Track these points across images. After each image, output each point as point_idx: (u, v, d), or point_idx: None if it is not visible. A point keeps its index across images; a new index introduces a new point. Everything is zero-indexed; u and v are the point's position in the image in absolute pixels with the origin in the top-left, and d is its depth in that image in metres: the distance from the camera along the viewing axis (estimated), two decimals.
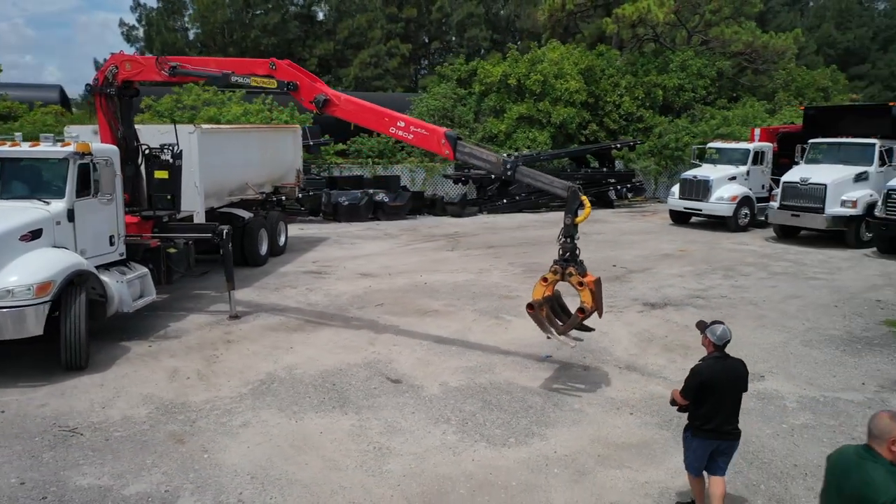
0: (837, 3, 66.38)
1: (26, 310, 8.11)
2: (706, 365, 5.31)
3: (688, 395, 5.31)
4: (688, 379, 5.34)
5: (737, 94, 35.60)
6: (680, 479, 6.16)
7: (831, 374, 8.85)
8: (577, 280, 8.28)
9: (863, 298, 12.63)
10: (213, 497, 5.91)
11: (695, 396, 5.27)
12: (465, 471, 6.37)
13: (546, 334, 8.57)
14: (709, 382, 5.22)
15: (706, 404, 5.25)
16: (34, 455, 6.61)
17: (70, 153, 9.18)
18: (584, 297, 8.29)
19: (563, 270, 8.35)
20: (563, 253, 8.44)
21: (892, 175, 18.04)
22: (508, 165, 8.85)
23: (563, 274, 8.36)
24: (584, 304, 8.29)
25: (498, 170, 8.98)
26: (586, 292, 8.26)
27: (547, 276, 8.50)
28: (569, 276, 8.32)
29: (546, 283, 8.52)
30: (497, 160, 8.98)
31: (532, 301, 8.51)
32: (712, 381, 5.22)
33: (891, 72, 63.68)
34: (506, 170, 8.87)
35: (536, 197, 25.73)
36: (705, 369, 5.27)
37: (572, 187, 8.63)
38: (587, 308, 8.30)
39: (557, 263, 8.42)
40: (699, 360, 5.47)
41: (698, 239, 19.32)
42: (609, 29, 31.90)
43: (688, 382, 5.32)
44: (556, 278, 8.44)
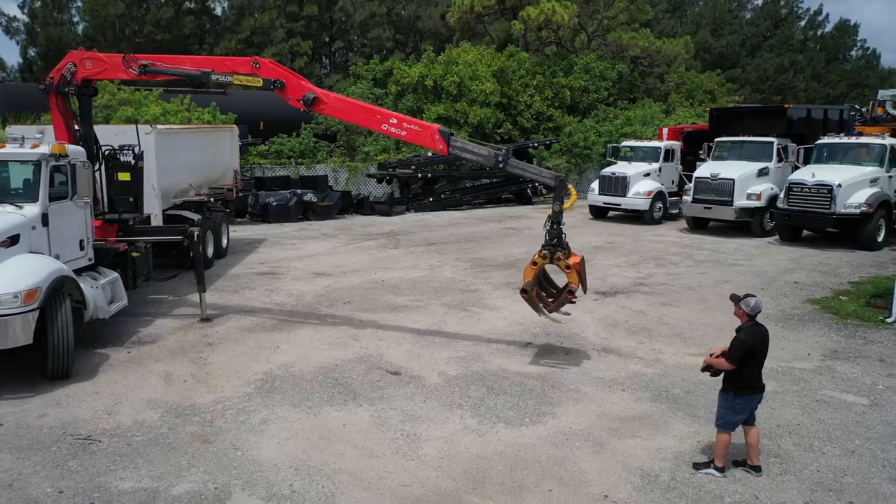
0: (712, 11, 71.57)
1: (14, 318, 7.78)
2: (748, 333, 6.05)
3: (735, 361, 6.02)
4: (734, 347, 6.04)
5: (634, 95, 37.81)
6: (687, 444, 6.89)
7: (780, 347, 9.92)
8: (564, 264, 8.92)
9: (782, 281, 14.06)
10: (265, 490, 6.04)
11: (741, 361, 5.98)
12: (496, 450, 6.81)
13: (539, 314, 9.13)
14: (752, 347, 5.98)
15: (749, 366, 6.01)
16: (58, 464, 6.46)
17: (43, 155, 8.84)
18: (572, 278, 8.96)
19: (552, 255, 8.96)
20: (551, 238, 9.06)
21: (788, 170, 20.04)
22: (500, 158, 9.25)
23: (551, 258, 8.98)
24: (572, 285, 8.94)
25: (490, 162, 9.37)
26: (573, 274, 8.93)
27: (536, 260, 9.08)
28: (557, 260, 8.95)
29: (536, 267, 9.09)
30: (489, 153, 9.37)
31: (524, 285, 9.05)
32: (754, 346, 6.00)
33: (758, 75, 69.23)
34: (497, 162, 9.28)
35: (461, 195, 26.42)
36: (748, 337, 6.02)
37: (559, 176, 9.29)
38: (574, 289, 8.94)
39: (546, 248, 9.03)
40: (738, 330, 6.17)
41: (620, 232, 20.59)
42: (517, 30, 33.03)
43: (735, 350, 6.02)
44: (545, 262, 9.04)
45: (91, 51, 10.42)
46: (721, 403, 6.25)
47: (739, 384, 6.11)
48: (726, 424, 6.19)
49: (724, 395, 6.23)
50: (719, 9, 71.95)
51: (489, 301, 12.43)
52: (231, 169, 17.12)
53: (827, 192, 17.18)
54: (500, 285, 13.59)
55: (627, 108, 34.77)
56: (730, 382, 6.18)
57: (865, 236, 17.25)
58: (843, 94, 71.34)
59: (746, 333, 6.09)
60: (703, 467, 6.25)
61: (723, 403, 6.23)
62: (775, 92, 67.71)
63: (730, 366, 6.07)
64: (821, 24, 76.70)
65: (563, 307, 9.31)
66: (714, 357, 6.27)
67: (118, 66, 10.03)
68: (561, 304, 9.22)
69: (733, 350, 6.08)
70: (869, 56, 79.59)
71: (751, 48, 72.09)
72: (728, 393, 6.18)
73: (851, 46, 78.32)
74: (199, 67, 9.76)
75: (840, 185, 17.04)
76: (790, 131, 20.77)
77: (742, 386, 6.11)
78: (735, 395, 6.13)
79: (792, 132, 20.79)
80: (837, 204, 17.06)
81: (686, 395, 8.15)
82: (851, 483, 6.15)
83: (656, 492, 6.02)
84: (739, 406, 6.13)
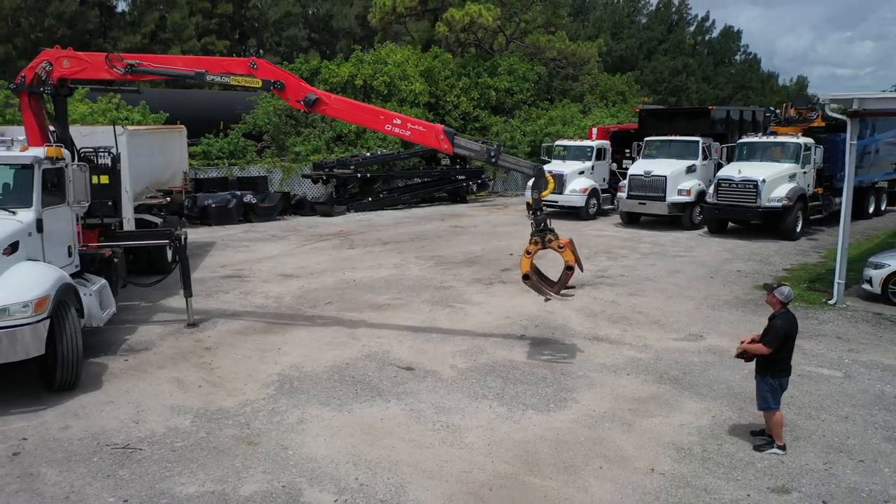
0: (611, 16, 74.87)
1: (25, 329, 7.47)
2: (783, 319, 6.68)
3: (773, 345, 6.62)
4: (772, 333, 6.64)
5: (551, 96, 39.18)
6: (704, 419, 7.54)
7: (748, 329, 10.73)
8: (556, 244, 9.37)
9: (726, 270, 15.21)
10: (333, 485, 6.18)
11: (779, 345, 6.60)
12: (535, 434, 7.21)
13: (544, 297, 9.57)
14: (788, 332, 6.61)
15: (784, 349, 6.63)
16: (108, 474, 6.33)
17: (36, 158, 8.48)
18: (567, 257, 9.40)
19: (543, 239, 9.39)
20: (538, 224, 9.50)
21: (712, 167, 21.55)
22: (492, 153, 9.69)
23: (543, 243, 9.40)
24: (569, 262, 9.40)
25: (483, 157, 9.78)
26: (568, 253, 9.39)
27: (529, 248, 9.48)
28: (549, 242, 9.38)
29: (530, 255, 9.51)
30: (481, 149, 9.80)
31: (525, 273, 9.46)
32: (789, 330, 6.64)
33: (654, 77, 72.97)
34: (490, 157, 9.71)
35: (398, 194, 26.62)
36: (784, 322, 6.65)
37: (538, 167, 9.81)
38: (573, 265, 9.43)
39: (536, 235, 9.45)
40: (772, 317, 6.82)
41: (560, 227, 21.01)
42: (441, 31, 33.53)
43: (773, 335, 6.63)
44: (538, 248, 9.47)
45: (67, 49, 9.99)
46: (761, 388, 6.82)
47: (775, 367, 6.73)
48: (772, 406, 6.78)
49: (762, 380, 6.81)
50: (618, 14, 75.39)
51: (467, 297, 12.81)
52: (181, 171, 16.65)
53: (752, 187, 18.64)
54: (472, 281, 14.00)
55: (548, 108, 36.01)
56: (766, 367, 6.77)
57: (786, 227, 18.85)
58: (730, 96, 76.41)
59: (782, 319, 6.72)
60: (766, 447, 6.78)
61: (763, 388, 6.80)
62: (670, 93, 71.65)
63: (767, 350, 6.67)
64: (708, 29, 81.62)
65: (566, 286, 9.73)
66: (748, 343, 6.88)
67: (100, 65, 9.68)
68: (564, 283, 9.64)
69: (771, 335, 6.68)
70: (751, 60, 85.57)
71: (647, 51, 75.79)
72: (766, 377, 6.78)
73: (736, 51, 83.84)
74: (191, 68, 9.57)
75: (764, 180, 18.54)
76: (712, 131, 22.30)
77: (778, 369, 6.74)
78: (773, 377, 6.74)
79: (714, 132, 22.33)
80: (762, 198, 18.56)
81: (684, 377, 8.84)
82: (855, 445, 6.96)
83: (695, 463, 6.60)
84: (778, 387, 6.76)
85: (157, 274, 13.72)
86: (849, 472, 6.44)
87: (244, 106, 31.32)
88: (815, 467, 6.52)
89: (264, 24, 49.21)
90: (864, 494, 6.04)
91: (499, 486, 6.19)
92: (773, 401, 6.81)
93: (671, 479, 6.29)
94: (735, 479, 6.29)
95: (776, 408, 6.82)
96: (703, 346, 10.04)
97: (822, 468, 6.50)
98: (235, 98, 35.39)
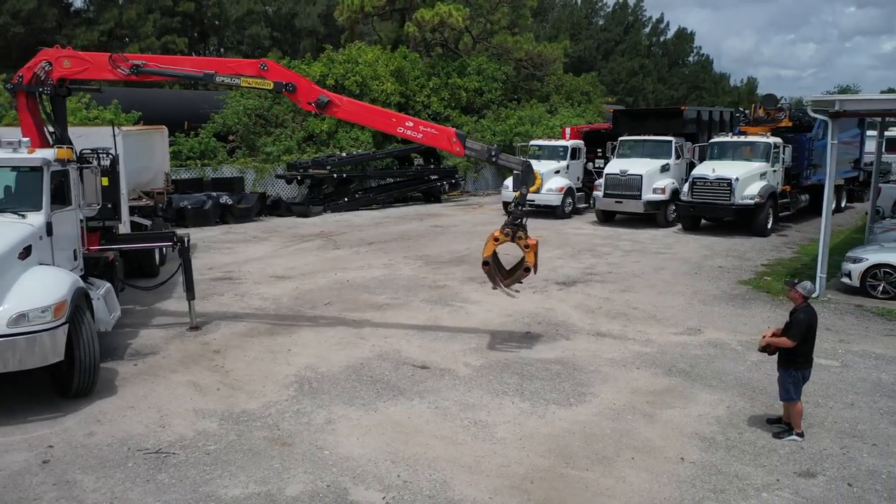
0: (570, 17, 75.93)
1: (45, 335, 7.31)
2: (805, 313, 6.96)
3: (797, 338, 6.89)
4: (796, 327, 6.91)
5: (518, 96, 39.58)
6: (720, 409, 7.83)
7: (742, 323, 11.26)
8: (524, 243, 9.61)
9: (708, 266, 15.69)
10: (377, 483, 6.24)
11: (802, 338, 6.89)
12: (562, 428, 7.38)
13: (493, 286, 9.82)
14: (810, 325, 6.90)
15: (807, 342, 6.92)
16: (147, 479, 6.28)
17: (44, 160, 8.31)
18: (529, 258, 9.65)
19: (514, 234, 9.58)
20: (514, 218, 9.69)
21: (684, 166, 22.14)
22: (493, 153, 9.93)
23: (513, 236, 9.59)
24: (529, 263, 9.65)
25: (484, 157, 10.00)
26: (531, 254, 9.65)
27: (499, 236, 9.66)
28: (518, 238, 9.59)
29: (496, 243, 9.69)
30: (482, 149, 10.02)
31: (486, 259, 9.66)
32: (811, 323, 6.92)
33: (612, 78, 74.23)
34: (490, 156, 9.93)
35: (374, 194, 26.60)
36: (806, 316, 6.93)
37: (526, 163, 10.06)
38: (530, 267, 9.66)
39: (509, 226, 9.61)
40: (793, 311, 7.11)
41: (539, 226, 21.65)
42: (411, 31, 33.58)
43: (796, 328, 6.90)
44: (507, 239, 9.64)
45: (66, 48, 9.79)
46: (784, 380, 7.09)
47: (798, 359, 7.03)
48: (794, 396, 7.07)
49: (786, 372, 7.09)
50: (576, 15, 76.47)
51: (465, 296, 12.94)
52: (163, 172, 16.38)
53: (727, 185, 19.23)
54: (465, 280, 14.14)
55: (517, 108, 36.38)
56: (789, 359, 7.05)
57: (758, 224, 19.50)
58: (685, 96, 78.22)
59: (804, 313, 7.01)
60: (785, 434, 7.08)
61: (786, 379, 7.08)
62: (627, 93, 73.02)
63: (792, 343, 6.95)
64: (662, 31, 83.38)
65: (515, 286, 9.94)
66: (771, 338, 7.16)
67: (102, 65, 9.51)
68: (515, 281, 9.86)
69: (794, 329, 6.96)
70: (704, 61, 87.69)
71: (605, 52, 77.05)
72: (790, 369, 7.06)
73: (689, 52, 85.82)
74: (200, 69, 9.47)
75: (737, 179, 19.14)
76: (684, 131, 22.89)
77: (801, 361, 7.04)
78: (796, 369, 7.04)
79: (685, 132, 22.92)
80: (735, 196, 19.16)
81: (692, 369, 9.14)
82: (866, 430, 7.33)
83: (721, 451, 6.86)
84: (801, 378, 7.06)
85: (144, 277, 13.53)
86: (865, 455, 6.78)
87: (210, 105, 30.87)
88: (834, 452, 6.85)
89: (225, 22, 48.46)
90: (885, 476, 6.38)
91: (539, 479, 6.34)
92: (795, 392, 7.11)
93: (702, 468, 6.53)
94: (762, 466, 6.57)
95: (797, 398, 7.12)
96: (703, 340, 10.37)
97: (839, 453, 6.83)
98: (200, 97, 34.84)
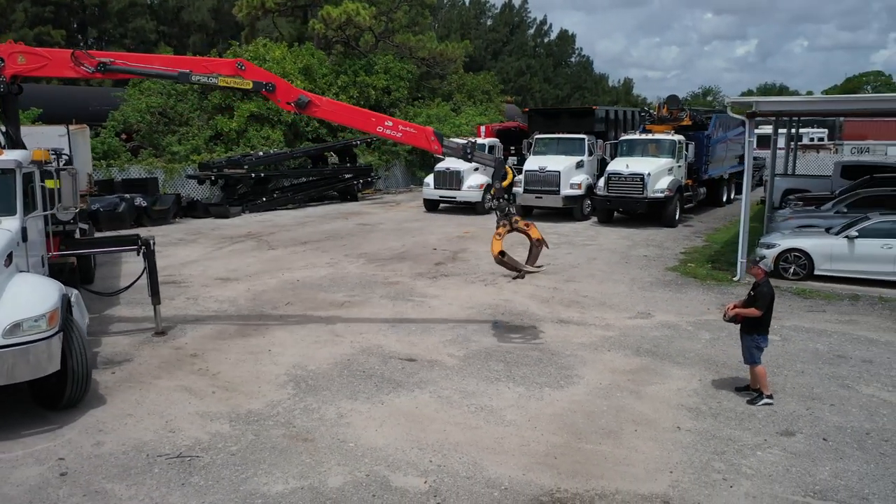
0: (459, 16, 77.34)
1: (41, 344, 7.00)
2: (768, 286, 7.92)
3: (763, 308, 7.78)
4: (762, 298, 7.82)
5: (422, 95, 40.03)
6: (694, 383, 8.61)
7: (683, 306, 12.26)
8: (523, 224, 10.34)
9: (634, 255, 16.79)
10: (413, 469, 6.50)
11: (767, 308, 7.76)
12: (563, 408, 7.90)
13: (520, 270, 10.46)
14: (772, 297, 7.86)
15: (769, 311, 7.85)
16: (182, 482, 6.23)
17: (17, 162, 7.89)
18: (535, 233, 10.43)
19: (511, 221, 10.26)
20: (502, 210, 10.37)
21: (595, 163, 23.40)
22: (468, 150, 10.38)
23: (511, 224, 10.25)
24: (539, 238, 10.46)
25: (459, 154, 10.45)
26: (535, 230, 10.44)
27: (500, 230, 10.27)
28: (516, 223, 10.29)
29: (501, 237, 10.28)
30: (458, 147, 10.47)
31: (501, 251, 10.23)
32: (773, 295, 7.84)
33: (501, 78, 76.18)
34: (466, 153, 10.37)
35: (292, 194, 26.23)
36: (769, 289, 7.90)
37: (498, 159, 10.71)
38: (542, 240, 10.49)
39: (505, 218, 10.29)
40: (757, 285, 7.98)
41: (465, 222, 22.33)
42: (318, 28, 33.23)
43: (764, 301, 7.79)
44: (508, 230, 10.30)
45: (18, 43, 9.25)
46: (749, 345, 8.00)
47: (761, 327, 7.95)
48: (757, 360, 7.98)
49: (749, 338, 8.00)
50: (465, 15, 77.97)
51: (421, 291, 13.25)
52: (86, 173, 15.54)
53: (640, 180, 20.56)
54: (414, 276, 14.44)
55: (422, 107, 36.84)
56: (754, 327, 7.96)
57: (668, 216, 20.99)
58: (569, 95, 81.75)
59: (767, 287, 7.93)
60: (758, 399, 7.91)
61: (750, 344, 7.99)
62: (516, 93, 75.17)
63: (759, 313, 7.86)
64: (546, 32, 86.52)
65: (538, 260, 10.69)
66: (738, 309, 8.03)
67: (63, 62, 9.07)
68: (535, 258, 10.59)
69: (761, 300, 7.86)
70: (585, 62, 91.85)
71: (493, 52, 78.96)
72: (753, 335, 7.97)
73: (572, 53, 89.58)
74: (173, 68, 9.21)
75: (649, 174, 20.51)
76: (595, 129, 24.17)
77: (763, 328, 7.95)
78: (758, 335, 7.95)
79: (596, 130, 24.21)
80: (648, 190, 20.53)
81: (656, 349, 9.93)
82: (821, 393, 8.34)
83: (708, 419, 7.62)
84: (763, 343, 7.97)
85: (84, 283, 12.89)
86: (828, 414, 7.75)
87: (104, 103, 29.33)
88: (802, 413, 7.77)
89: (106, 13, 45.79)
90: (850, 430, 7.34)
91: (561, 454, 6.82)
92: (758, 356, 8.04)
93: (698, 434, 7.24)
94: (748, 429, 7.37)
95: (759, 362, 8.05)
96: (656, 322, 11.24)
97: (807, 413, 7.77)
98: (92, 94, 33.05)
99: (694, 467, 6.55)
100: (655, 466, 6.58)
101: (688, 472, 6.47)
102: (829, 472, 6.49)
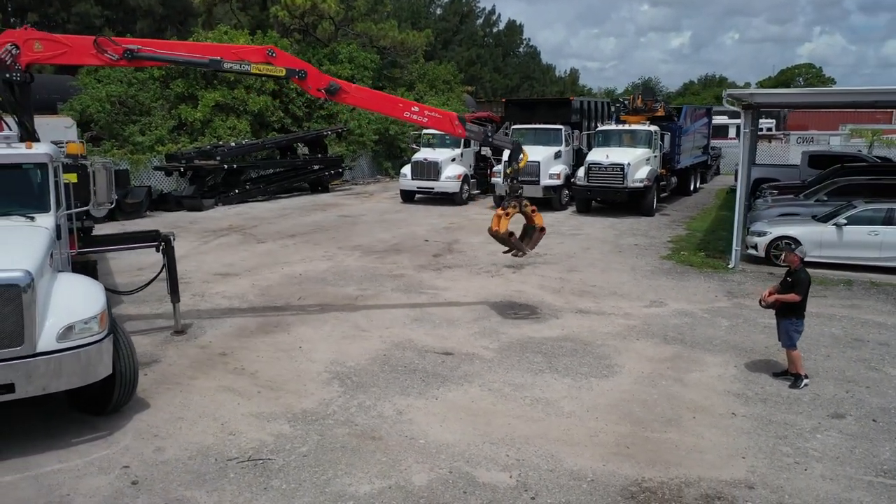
0: (410, 5, 76.82)
1: (92, 348, 6.66)
2: (805, 272, 8.18)
3: (803, 293, 8.05)
4: (801, 284, 8.09)
5: (382, 84, 39.61)
6: (731, 370, 8.83)
7: (692, 294, 12.54)
8: (530, 209, 10.65)
9: (625, 244, 17.08)
10: (493, 464, 6.46)
11: (805, 293, 8.02)
12: (616, 398, 7.98)
13: (522, 251, 10.76)
14: (810, 282, 8.15)
15: (807, 297, 8.11)
16: (264, 486, 6.04)
17: (49, 155, 7.47)
18: (538, 220, 10.79)
19: (521, 204, 10.51)
20: (514, 191, 10.58)
21: (571, 153, 23.67)
22: (488, 133, 10.59)
23: (520, 206, 10.51)
24: (542, 224, 10.81)
25: (479, 138, 10.73)
26: (539, 216, 10.79)
27: (509, 210, 10.48)
28: (525, 206, 10.57)
29: (508, 217, 10.51)
30: (479, 131, 10.63)
31: (507, 231, 10.46)
32: (810, 280, 8.15)
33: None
34: (487, 137, 10.61)
35: (264, 185, 25.64)
36: (806, 275, 8.17)
37: (516, 142, 10.88)
38: (544, 227, 10.88)
39: (515, 199, 10.50)
40: (791, 272, 8.25)
41: (446, 213, 22.28)
42: (281, 16, 32.48)
43: (803, 286, 8.08)
44: (516, 211, 10.54)
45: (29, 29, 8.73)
46: (787, 329, 8.26)
47: (800, 311, 8.22)
48: (795, 343, 8.24)
49: (788, 322, 8.25)
50: (416, 3, 77.50)
51: (430, 283, 13.17)
52: None
53: (620, 170, 20.90)
54: (418, 268, 14.34)
55: None
56: (792, 311, 8.22)
57: (646, 205, 21.42)
58: (518, 85, 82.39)
59: (805, 273, 8.20)
60: (799, 382, 8.18)
61: (789, 328, 8.24)
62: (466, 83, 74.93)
63: (799, 297, 8.12)
64: (495, 22, 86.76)
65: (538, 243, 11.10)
66: (776, 295, 8.27)
67: (85, 49, 8.60)
68: (535, 243, 10.97)
69: (800, 286, 8.12)
70: (533, 52, 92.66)
71: (444, 42, 78.72)
72: (792, 319, 8.23)
73: (520, 44, 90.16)
74: (203, 55, 8.85)
75: (629, 164, 20.87)
76: (570, 120, 24.41)
77: (801, 312, 8.23)
78: (796, 318, 8.21)
79: (572, 121, 24.46)
80: (628, 179, 20.89)
81: (682, 336, 10.14)
82: (853, 376, 8.66)
83: (759, 404, 7.83)
84: (802, 327, 8.24)
85: None
86: (867, 396, 8.07)
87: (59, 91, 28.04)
88: (843, 396, 8.07)
89: None
90: (892, 410, 7.66)
91: (632, 444, 6.90)
92: (797, 338, 8.34)
93: (755, 420, 7.43)
94: (800, 413, 7.61)
95: (796, 345, 8.32)
96: (671, 311, 11.46)
97: (847, 396, 8.07)
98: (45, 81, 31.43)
99: (764, 452, 6.72)
100: (727, 453, 6.72)
101: (759, 457, 6.64)
102: (889, 452, 6.76)
